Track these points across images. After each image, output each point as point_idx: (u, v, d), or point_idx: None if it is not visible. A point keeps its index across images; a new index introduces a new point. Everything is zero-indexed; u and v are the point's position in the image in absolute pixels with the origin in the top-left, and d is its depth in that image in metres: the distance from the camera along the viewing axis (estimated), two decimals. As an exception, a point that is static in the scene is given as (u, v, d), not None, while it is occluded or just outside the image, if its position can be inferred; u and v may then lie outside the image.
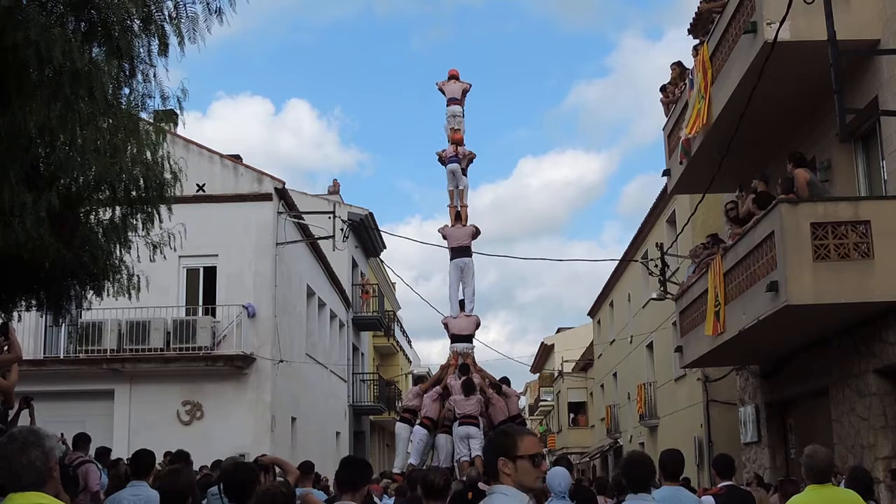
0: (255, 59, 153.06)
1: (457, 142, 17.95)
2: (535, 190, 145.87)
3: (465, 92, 18.55)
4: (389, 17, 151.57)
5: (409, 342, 50.23)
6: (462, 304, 16.97)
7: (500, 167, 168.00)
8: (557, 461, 10.09)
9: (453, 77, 18.63)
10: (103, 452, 11.65)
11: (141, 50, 7.62)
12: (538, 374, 59.29)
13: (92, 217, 9.87)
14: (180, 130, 16.32)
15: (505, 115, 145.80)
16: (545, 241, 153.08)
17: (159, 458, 12.14)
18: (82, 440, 10.93)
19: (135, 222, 10.14)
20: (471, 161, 18.05)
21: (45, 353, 20.77)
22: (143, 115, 9.77)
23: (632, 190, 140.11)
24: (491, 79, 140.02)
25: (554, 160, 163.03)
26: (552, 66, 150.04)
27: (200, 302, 21.33)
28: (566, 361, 48.00)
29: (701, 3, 16.43)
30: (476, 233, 17.36)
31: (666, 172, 18.28)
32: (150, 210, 10.10)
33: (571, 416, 48.54)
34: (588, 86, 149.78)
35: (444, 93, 18.46)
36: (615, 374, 35.87)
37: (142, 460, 7.16)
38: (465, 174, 17.82)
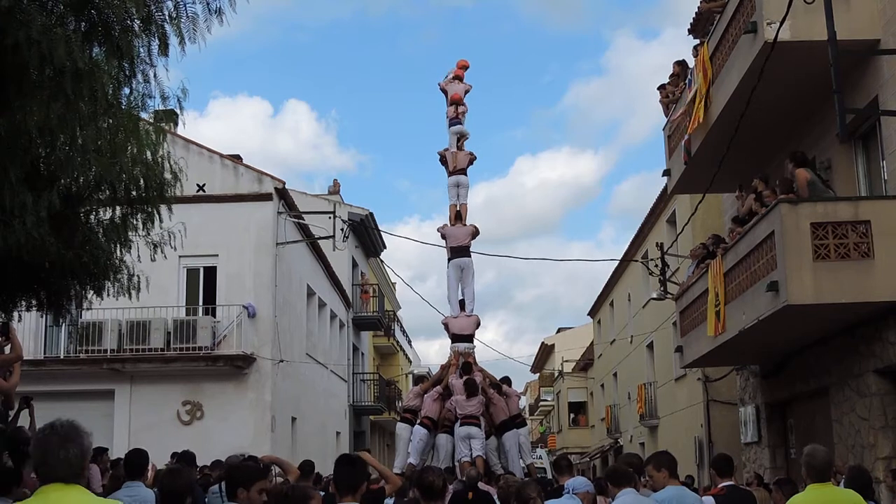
0: (252, 59, 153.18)
1: (456, 102, 17.86)
2: (529, 189, 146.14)
3: (465, 93, 18.49)
4: (384, 17, 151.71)
5: (409, 342, 50.24)
6: (462, 303, 16.93)
7: (497, 166, 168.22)
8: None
9: (463, 68, 18.52)
10: (99, 451, 11.60)
11: (141, 50, 7.64)
12: (538, 374, 59.30)
13: (92, 217, 9.87)
14: (180, 130, 16.32)
15: (502, 114, 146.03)
16: (541, 241, 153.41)
17: (166, 459, 12.13)
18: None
19: (135, 222, 10.14)
20: (471, 162, 17.97)
21: (45, 353, 20.74)
22: (144, 115, 9.78)
23: (625, 189, 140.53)
24: (487, 78, 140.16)
25: (550, 158, 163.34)
26: (547, 66, 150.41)
27: (200, 302, 21.31)
28: (566, 361, 48.00)
29: (701, 2, 16.42)
30: (475, 233, 17.28)
31: (666, 172, 18.28)
32: (150, 210, 10.10)
33: (571, 415, 48.54)
34: (584, 85, 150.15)
35: (446, 93, 18.39)
36: (615, 374, 35.87)
37: (135, 461, 7.12)
38: (465, 173, 17.74)
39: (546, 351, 55.51)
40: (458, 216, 17.28)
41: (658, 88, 17.99)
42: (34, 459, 3.05)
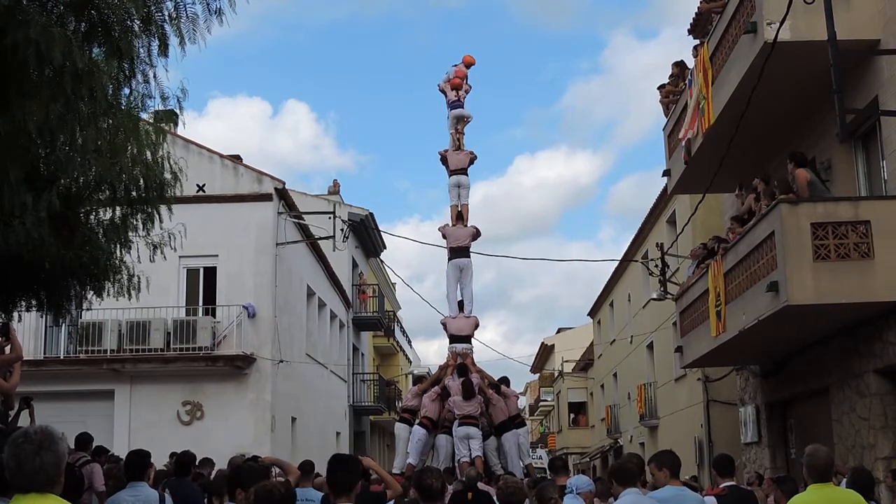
0: (251, 59, 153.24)
1: (456, 87, 17.84)
2: (528, 188, 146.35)
3: (465, 93, 18.50)
4: (381, 17, 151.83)
5: (409, 342, 50.24)
6: (461, 304, 16.94)
7: (495, 165, 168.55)
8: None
9: (469, 65, 18.51)
10: (100, 451, 11.62)
11: (141, 50, 7.63)
12: (538, 374, 59.30)
13: (92, 217, 9.86)
14: (180, 130, 16.31)
15: (500, 113, 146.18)
16: (539, 241, 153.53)
17: (165, 459, 12.13)
18: (84, 441, 10.91)
19: (135, 222, 10.13)
20: (472, 161, 17.98)
21: (45, 354, 20.73)
22: (143, 116, 9.79)
23: (623, 189, 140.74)
24: (485, 77, 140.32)
25: (548, 157, 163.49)
26: (545, 66, 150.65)
27: (200, 302, 21.30)
28: (566, 361, 48.00)
29: (701, 3, 16.43)
30: (476, 234, 17.30)
31: (666, 172, 18.27)
32: (150, 210, 10.09)
33: (571, 416, 48.53)
34: (581, 85, 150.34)
35: (446, 95, 18.39)
36: (615, 374, 35.86)
37: (136, 461, 7.11)
38: (465, 173, 17.75)
39: (546, 351, 55.52)
40: (459, 216, 17.30)
41: (658, 88, 18.00)
42: (7, 469, 2.98)
